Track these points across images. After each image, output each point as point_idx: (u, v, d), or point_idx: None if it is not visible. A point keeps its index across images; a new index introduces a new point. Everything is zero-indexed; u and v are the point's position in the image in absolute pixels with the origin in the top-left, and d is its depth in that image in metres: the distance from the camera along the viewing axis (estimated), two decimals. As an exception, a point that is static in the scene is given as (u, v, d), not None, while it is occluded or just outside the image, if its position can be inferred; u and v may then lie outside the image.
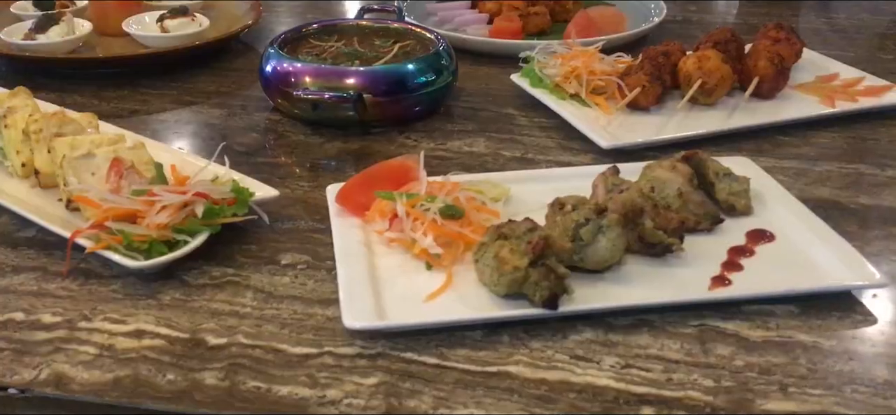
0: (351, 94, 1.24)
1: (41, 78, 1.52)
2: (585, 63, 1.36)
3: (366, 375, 0.78)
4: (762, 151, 1.22)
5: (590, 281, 0.89)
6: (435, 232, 0.92)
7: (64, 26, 1.56)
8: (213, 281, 0.93)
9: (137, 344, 0.83)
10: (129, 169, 1.00)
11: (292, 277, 0.93)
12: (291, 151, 1.26)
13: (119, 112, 1.39)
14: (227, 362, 0.80)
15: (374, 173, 1.04)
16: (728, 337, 0.83)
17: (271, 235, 1.01)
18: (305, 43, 1.45)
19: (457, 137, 1.29)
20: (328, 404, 0.75)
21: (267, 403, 0.75)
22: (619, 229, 0.89)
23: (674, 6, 1.96)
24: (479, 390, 0.77)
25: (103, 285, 0.92)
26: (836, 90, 1.39)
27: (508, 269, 0.84)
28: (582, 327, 0.84)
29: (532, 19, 1.69)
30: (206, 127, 1.34)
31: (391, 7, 1.62)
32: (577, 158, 1.21)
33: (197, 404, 0.75)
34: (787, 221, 0.99)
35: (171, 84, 1.50)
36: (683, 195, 0.98)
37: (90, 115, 1.17)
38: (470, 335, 0.83)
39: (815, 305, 0.87)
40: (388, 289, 0.88)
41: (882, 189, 1.11)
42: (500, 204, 1.02)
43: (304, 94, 1.25)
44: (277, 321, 0.86)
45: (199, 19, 1.64)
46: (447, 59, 1.38)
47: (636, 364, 0.79)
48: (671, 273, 0.91)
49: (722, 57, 1.33)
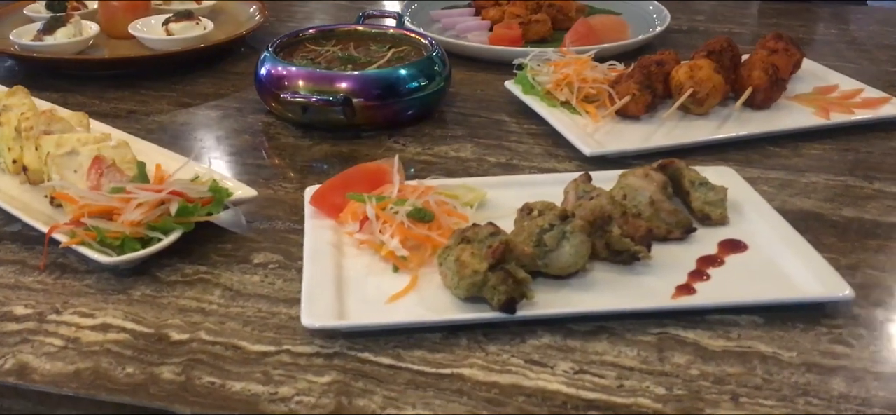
0: (337, 98, 1.25)
1: (49, 78, 1.56)
2: (577, 71, 1.36)
3: (320, 373, 0.79)
4: (750, 162, 1.21)
5: (553, 286, 0.89)
6: (402, 235, 0.93)
7: (71, 28, 1.60)
8: (184, 278, 0.94)
9: (102, 338, 0.84)
10: (109, 167, 1.02)
11: (262, 276, 0.95)
12: (280, 153, 1.27)
13: (117, 112, 1.42)
14: (186, 358, 0.81)
15: (350, 176, 1.05)
16: (687, 346, 0.82)
17: (248, 234, 1.03)
18: (302, 47, 1.47)
19: (445, 141, 1.29)
20: (279, 401, 0.76)
21: (218, 398, 0.76)
22: (582, 236, 0.89)
23: (682, 16, 1.95)
24: (430, 391, 0.77)
25: (78, 280, 0.94)
26: (832, 102, 1.37)
27: (468, 272, 0.84)
28: (542, 332, 0.84)
29: (533, 27, 1.69)
30: (200, 128, 1.36)
31: (390, 13, 1.63)
32: (562, 164, 1.21)
33: (151, 398, 0.77)
34: (762, 231, 0.98)
35: (173, 86, 1.52)
36: (655, 203, 0.98)
37: (81, 114, 1.19)
38: (429, 337, 0.84)
39: (781, 316, 0.86)
40: (352, 290, 0.89)
41: (867, 202, 1.10)
42: (472, 209, 1.02)
43: (291, 97, 1.27)
44: (241, 319, 0.87)
45: (203, 23, 1.67)
46: (440, 64, 1.39)
47: (590, 370, 0.79)
48: (637, 281, 0.91)
49: (714, 66, 1.32)
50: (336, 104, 1.25)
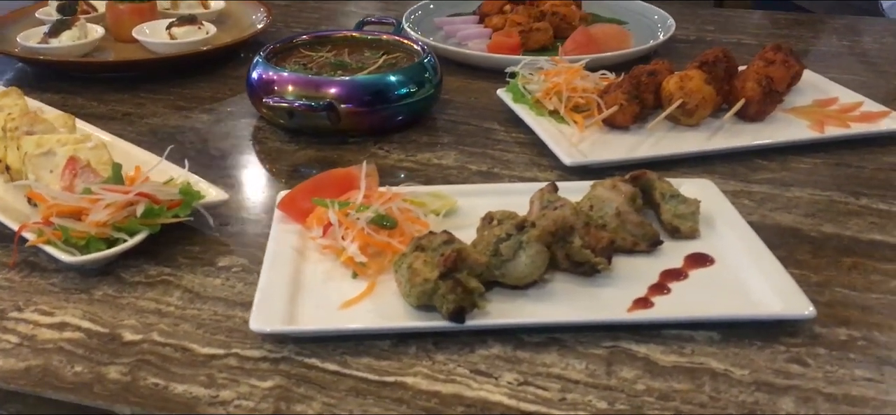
0: (320, 104, 1.25)
1: (54, 80, 1.59)
2: (567, 80, 1.35)
3: (263, 378, 0.79)
4: (736, 175, 1.18)
5: (510, 296, 0.89)
6: (362, 241, 0.93)
7: (76, 31, 1.63)
8: (147, 279, 0.95)
9: (58, 336, 0.86)
10: (83, 168, 1.04)
11: (224, 279, 0.95)
12: (265, 157, 1.28)
13: (113, 114, 1.44)
14: (135, 358, 0.82)
15: (321, 181, 1.05)
16: (637, 360, 0.81)
17: (217, 237, 1.04)
18: (297, 53, 1.48)
19: (430, 148, 1.29)
20: (218, 404, 0.76)
21: (159, 400, 0.77)
22: (539, 246, 0.88)
23: (690, 26, 1.93)
24: (370, 398, 0.77)
25: (44, 278, 0.95)
26: (829, 115, 1.34)
27: (419, 280, 0.84)
28: (492, 343, 0.83)
29: (534, 35, 1.68)
30: (190, 131, 1.37)
31: (389, 20, 1.63)
32: (544, 174, 1.20)
33: (93, 397, 0.77)
34: (731, 246, 0.96)
35: (171, 89, 1.54)
36: (621, 215, 0.96)
37: (67, 115, 1.21)
38: (379, 345, 0.83)
39: (739, 333, 0.84)
40: (308, 295, 0.89)
41: (849, 218, 1.07)
42: (439, 216, 1.02)
43: (274, 101, 1.27)
44: (195, 321, 0.88)
45: (206, 27, 1.69)
46: (431, 72, 1.38)
47: (535, 382, 0.78)
48: (595, 293, 0.89)
49: (705, 77, 1.30)
50: (319, 109, 1.26)
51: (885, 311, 0.88)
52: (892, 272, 0.95)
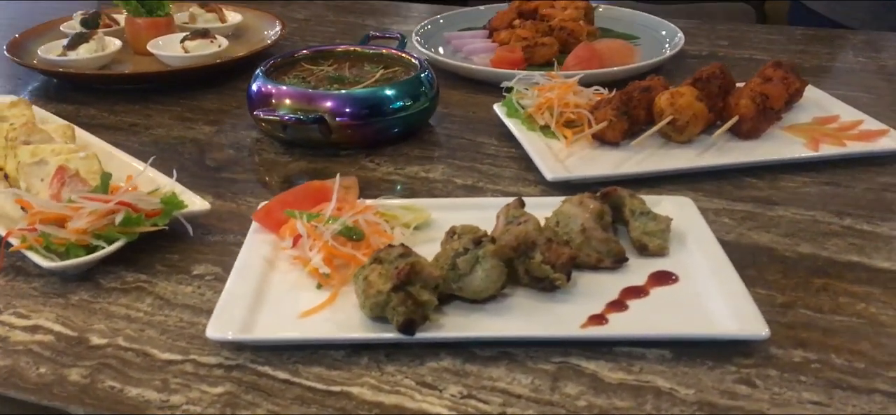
0: (309, 117, 1.28)
1: (72, 91, 1.65)
2: (560, 95, 1.35)
3: (214, 384, 0.81)
4: (721, 193, 1.18)
5: (467, 310, 0.89)
6: (327, 252, 0.95)
7: (94, 44, 1.68)
8: (123, 286, 0.98)
9: (29, 338, 0.89)
10: (72, 177, 1.08)
11: (196, 287, 0.98)
12: (258, 169, 1.31)
13: (120, 125, 1.49)
14: (97, 362, 0.85)
15: (297, 193, 1.07)
16: (584, 376, 0.81)
17: (197, 246, 1.06)
18: (298, 67, 1.51)
19: (419, 162, 1.31)
20: (167, 408, 0.79)
21: (112, 402, 0.79)
22: (495, 261, 0.89)
23: (705, 41, 1.91)
24: (314, 407, 0.78)
25: (27, 283, 0.99)
26: (826, 133, 1.32)
27: (372, 292, 0.85)
28: (444, 355, 0.84)
29: (539, 50, 1.69)
30: (189, 142, 1.41)
31: (394, 35, 1.66)
32: (528, 188, 1.21)
33: (52, 397, 0.80)
34: (697, 265, 0.96)
35: (180, 101, 1.59)
36: (586, 231, 0.96)
37: (66, 125, 1.26)
38: (332, 355, 0.85)
39: (691, 352, 0.84)
40: (270, 304, 0.91)
41: (829, 238, 1.05)
42: (410, 230, 1.03)
43: (264, 114, 1.30)
44: (160, 327, 0.90)
45: (218, 41, 1.73)
46: (427, 86, 1.40)
47: (478, 396, 0.79)
48: (553, 308, 0.90)
49: (697, 94, 1.29)
50: (310, 123, 1.28)
51: (847, 334, 0.87)
52: (861, 295, 0.93)
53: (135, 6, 1.79)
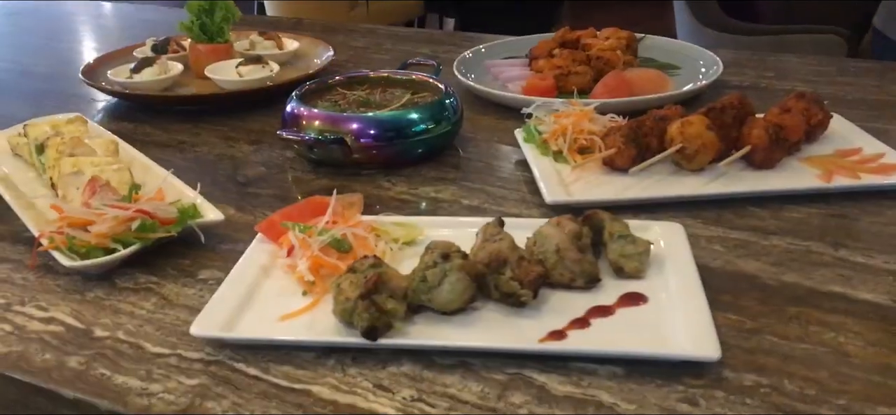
0: (327, 138, 1.36)
1: (137, 111, 1.79)
2: (575, 122, 1.38)
3: (191, 376, 0.89)
4: (720, 221, 1.18)
5: (436, 321, 0.94)
6: (313, 261, 1.01)
7: (157, 68, 1.82)
8: (135, 286, 1.08)
9: (44, 328, 0.99)
10: (102, 186, 1.19)
11: (198, 290, 1.06)
12: (281, 185, 1.40)
13: (169, 143, 1.60)
14: (95, 352, 0.94)
15: (300, 207, 1.15)
16: (533, 388, 0.84)
17: (208, 253, 1.15)
18: (333, 91, 1.59)
19: (433, 183, 1.36)
20: (145, 395, 0.86)
21: (99, 387, 0.88)
22: (460, 275, 0.93)
23: (751, 72, 1.90)
24: (274, 402, 0.84)
25: (53, 280, 1.10)
26: (843, 165, 1.30)
27: (342, 299, 0.91)
28: (406, 362, 0.89)
29: (571, 78, 1.72)
30: (227, 159, 1.51)
31: (429, 62, 1.72)
32: (529, 211, 1.24)
33: (49, 380, 0.89)
34: (669, 288, 0.98)
35: (228, 122, 1.70)
36: (560, 251, 1.00)
37: (110, 140, 1.38)
38: (304, 356, 0.91)
39: (642, 370, 0.86)
40: (256, 307, 0.98)
41: (817, 269, 1.05)
42: (397, 244, 1.09)
43: (286, 134, 1.39)
44: (157, 324, 0.99)
45: (270, 66, 1.84)
46: (450, 111, 1.46)
47: (427, 400, 0.84)
48: (517, 323, 0.93)
49: (707, 123, 1.30)
50: (329, 143, 1.36)
51: (807, 361, 0.87)
52: (834, 324, 0.93)
53: (197, 33, 1.92)
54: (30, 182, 1.37)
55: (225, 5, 1.95)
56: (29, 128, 1.46)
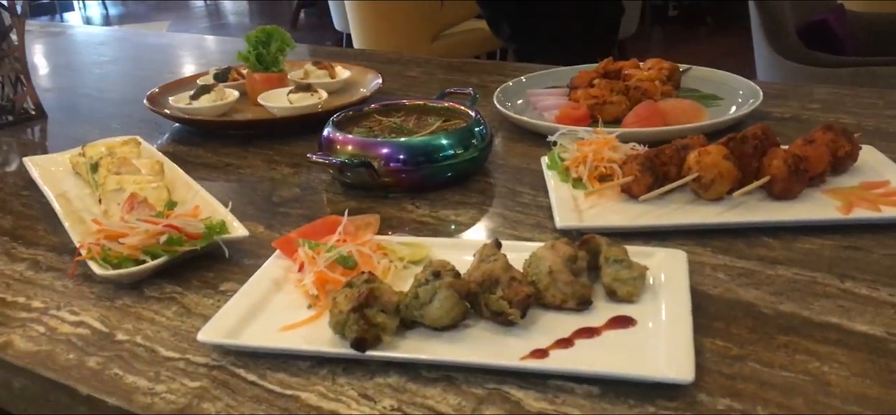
0: (353, 161, 1.42)
1: (195, 135, 1.90)
2: (596, 149, 1.41)
3: (194, 379, 0.95)
4: (729, 250, 1.19)
5: (427, 336, 0.98)
6: (318, 276, 1.07)
7: (214, 95, 1.93)
8: (161, 295, 1.15)
9: (72, 331, 1.08)
10: (140, 203, 1.28)
11: (216, 300, 1.13)
12: (312, 206, 1.46)
13: (217, 164, 1.70)
14: (113, 353, 1.02)
15: (316, 226, 1.21)
16: (508, 403, 0.88)
17: (232, 267, 1.22)
18: (370, 118, 1.66)
19: (454, 206, 1.41)
20: (148, 393, 0.93)
21: (111, 385, 0.95)
22: (449, 292, 0.97)
23: (795, 103, 1.88)
24: (263, 405, 0.90)
25: (88, 287, 1.19)
26: (866, 198, 1.29)
27: (336, 311, 0.96)
28: (393, 373, 0.94)
29: (607, 108, 1.74)
30: (266, 181, 1.59)
31: (466, 91, 1.78)
32: (541, 235, 1.27)
33: (68, 377, 0.97)
34: (659, 312, 0.99)
35: (274, 146, 1.78)
36: (553, 273, 1.02)
37: (155, 161, 1.47)
38: (300, 364, 0.97)
39: (618, 390, 0.88)
40: (263, 317, 1.04)
41: (818, 299, 1.04)
42: (402, 264, 1.13)
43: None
44: (173, 330, 1.06)
45: (319, 94, 1.92)
46: (478, 138, 1.51)
47: (406, 410, 0.88)
48: (504, 340, 0.97)
49: (725, 153, 1.31)
50: (356, 167, 1.42)
51: (785, 388, 0.87)
52: (821, 354, 0.93)
53: (254, 63, 2.02)
54: (84, 198, 1.48)
55: (281, 36, 2.05)
56: (87, 148, 1.58)
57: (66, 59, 3.16)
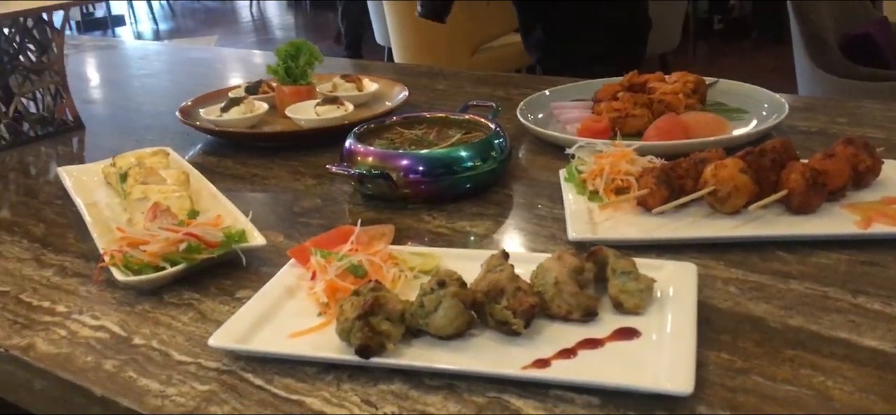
0: (372, 173, 1.44)
1: (226, 147, 1.94)
2: (613, 162, 1.41)
3: (204, 383, 0.98)
4: (743, 264, 1.18)
5: (432, 344, 0.99)
6: (328, 284, 1.09)
7: (243, 107, 1.97)
8: (179, 301, 1.19)
9: (93, 334, 1.11)
10: (163, 212, 1.31)
11: (232, 307, 1.16)
12: (331, 216, 1.49)
13: (244, 175, 1.73)
14: (129, 357, 1.05)
15: (331, 236, 1.23)
16: (507, 412, 0.88)
17: (249, 275, 1.25)
18: (391, 130, 1.68)
19: (471, 218, 1.42)
20: (159, 396, 0.96)
21: (124, 387, 0.98)
22: (454, 302, 0.98)
23: (823, 118, 1.86)
24: (269, 409, 0.92)
25: (111, 293, 1.22)
26: (885, 212, 1.27)
27: (342, 319, 0.98)
28: (398, 381, 0.95)
29: (629, 121, 1.74)
30: (290, 191, 1.62)
31: (488, 104, 1.79)
32: (554, 247, 1.28)
33: (84, 379, 1.01)
34: (663, 324, 0.99)
35: (300, 157, 1.81)
36: (559, 284, 1.03)
37: (181, 171, 1.51)
38: (307, 370, 0.99)
39: (617, 402, 0.88)
40: (274, 323, 1.06)
41: (828, 314, 1.03)
42: (413, 274, 1.15)
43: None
44: (187, 335, 1.09)
45: (346, 106, 1.95)
46: (497, 151, 1.52)
47: (406, 417, 0.89)
48: (507, 350, 0.98)
49: (741, 166, 1.30)
50: (372, 178, 1.44)
51: (787, 402, 0.87)
52: (828, 369, 0.92)
53: (283, 76, 2.06)
54: (113, 207, 1.52)
55: (309, 50, 2.09)
56: (118, 159, 1.62)
57: (111, 73, 3.25)
